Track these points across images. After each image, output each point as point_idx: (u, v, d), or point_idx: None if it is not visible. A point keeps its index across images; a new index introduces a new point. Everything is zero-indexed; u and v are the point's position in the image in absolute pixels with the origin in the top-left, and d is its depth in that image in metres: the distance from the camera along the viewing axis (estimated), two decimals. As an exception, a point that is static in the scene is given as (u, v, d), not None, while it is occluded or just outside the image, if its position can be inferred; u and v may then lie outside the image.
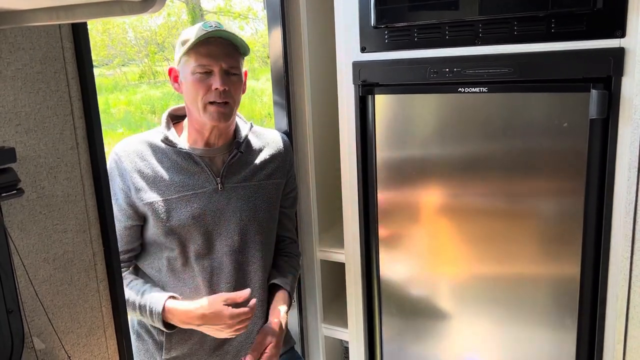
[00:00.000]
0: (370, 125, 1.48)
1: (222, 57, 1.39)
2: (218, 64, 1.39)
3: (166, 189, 1.44)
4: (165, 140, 1.46)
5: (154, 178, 1.44)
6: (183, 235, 1.44)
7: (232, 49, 1.42)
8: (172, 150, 1.46)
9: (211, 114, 1.41)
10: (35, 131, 0.93)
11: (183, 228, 1.44)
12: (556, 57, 1.21)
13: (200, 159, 1.46)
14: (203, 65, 1.39)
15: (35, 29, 0.90)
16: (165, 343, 1.49)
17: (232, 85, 1.41)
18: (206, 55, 1.39)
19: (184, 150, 1.46)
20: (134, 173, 1.44)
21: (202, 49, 1.39)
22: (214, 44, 1.39)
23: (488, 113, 1.33)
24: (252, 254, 1.53)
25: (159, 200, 1.43)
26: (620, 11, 1.12)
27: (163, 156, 1.46)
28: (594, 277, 1.27)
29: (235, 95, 1.44)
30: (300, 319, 1.84)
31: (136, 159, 1.45)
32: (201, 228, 1.45)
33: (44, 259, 0.96)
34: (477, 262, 1.42)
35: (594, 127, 1.20)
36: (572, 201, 1.27)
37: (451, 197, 1.42)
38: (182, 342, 1.49)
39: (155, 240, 1.46)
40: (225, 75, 1.40)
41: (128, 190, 1.44)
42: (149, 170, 1.44)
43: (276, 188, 1.58)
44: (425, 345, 1.54)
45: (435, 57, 1.34)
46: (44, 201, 0.95)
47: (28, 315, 0.93)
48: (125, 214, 1.44)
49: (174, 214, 1.43)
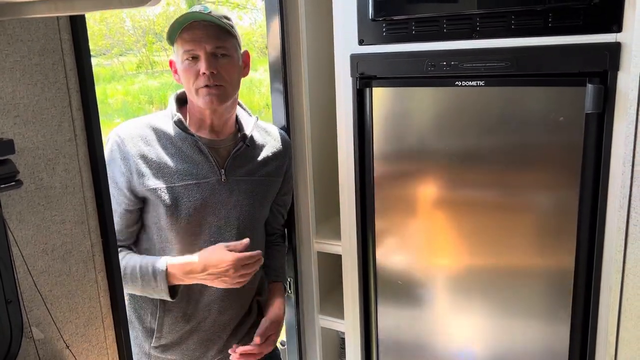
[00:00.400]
0: (367, 118, 1.48)
1: (206, 40, 1.38)
2: (202, 48, 1.38)
3: (170, 176, 1.42)
4: (178, 122, 1.44)
5: (157, 164, 1.42)
6: (182, 224, 1.44)
7: (217, 30, 1.40)
8: (177, 137, 1.45)
9: (203, 98, 1.41)
10: (34, 123, 0.93)
11: (184, 217, 1.43)
12: (553, 51, 1.21)
13: (205, 148, 1.45)
14: (188, 51, 1.39)
15: (33, 20, 0.90)
16: (157, 332, 1.49)
17: (221, 68, 1.40)
18: (190, 41, 1.38)
19: (192, 136, 1.44)
20: (138, 158, 1.42)
21: (185, 34, 1.39)
22: (197, 27, 1.39)
23: (485, 106, 1.33)
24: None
25: (162, 187, 1.41)
26: (616, 6, 1.12)
27: (168, 142, 1.45)
28: (587, 270, 1.28)
29: (228, 77, 1.42)
30: (297, 310, 1.86)
31: (140, 143, 1.43)
32: (201, 218, 1.45)
33: (43, 249, 0.97)
34: (473, 255, 1.44)
35: (589, 121, 1.21)
36: (567, 195, 1.28)
37: (448, 189, 1.43)
38: (173, 330, 1.50)
39: (153, 227, 1.46)
40: (212, 58, 1.39)
41: (130, 175, 1.42)
42: (153, 156, 1.42)
43: (274, 186, 1.59)
44: (421, 336, 1.56)
45: (433, 51, 1.34)
46: (43, 192, 0.95)
47: (27, 306, 0.94)
48: (126, 198, 1.43)
49: (176, 202, 1.42)
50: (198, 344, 1.52)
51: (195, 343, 1.52)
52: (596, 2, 1.14)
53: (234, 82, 1.45)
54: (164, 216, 1.42)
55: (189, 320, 1.49)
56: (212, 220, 1.46)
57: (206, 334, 1.52)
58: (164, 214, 1.42)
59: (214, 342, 1.54)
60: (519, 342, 1.41)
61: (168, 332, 1.50)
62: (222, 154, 1.49)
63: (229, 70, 1.42)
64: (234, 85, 1.45)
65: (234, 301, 1.54)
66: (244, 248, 1.40)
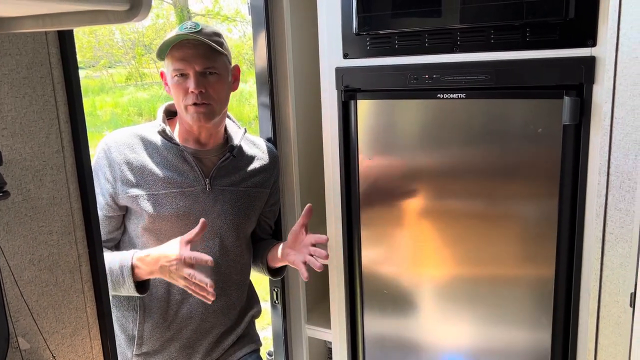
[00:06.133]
0: (352, 130, 1.51)
1: (195, 60, 1.40)
2: (192, 67, 1.40)
3: (153, 183, 1.44)
4: (162, 132, 1.46)
5: (142, 171, 1.44)
6: (163, 232, 1.45)
7: (206, 49, 1.42)
8: (163, 146, 1.46)
9: (191, 115, 1.43)
10: (21, 135, 0.94)
11: (165, 225, 1.44)
12: (531, 64, 1.25)
13: (191, 158, 1.47)
14: (178, 69, 1.41)
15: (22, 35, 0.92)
16: (137, 338, 1.49)
17: (210, 86, 1.42)
18: (180, 59, 1.40)
19: (178, 146, 1.46)
20: (123, 165, 1.43)
21: (176, 52, 1.41)
22: (187, 46, 1.40)
23: (467, 119, 1.37)
24: (231, 257, 1.55)
25: (145, 195, 1.43)
26: (591, 21, 1.16)
27: (154, 151, 1.46)
28: (567, 278, 1.31)
29: (216, 95, 1.44)
30: (284, 320, 1.87)
31: (126, 150, 1.45)
32: (184, 226, 1.45)
33: (30, 260, 0.97)
34: (457, 264, 1.46)
35: (567, 132, 1.24)
36: (547, 204, 1.31)
37: (432, 200, 1.46)
38: (155, 337, 1.50)
39: (135, 233, 1.47)
40: (200, 77, 1.41)
41: (114, 182, 1.43)
42: (137, 163, 1.44)
43: (260, 198, 1.61)
44: (407, 344, 1.57)
45: (415, 64, 1.37)
46: (30, 204, 0.96)
47: (13, 316, 0.94)
48: (107, 204, 1.44)
49: (159, 210, 1.43)
50: (180, 351, 1.53)
51: (177, 350, 1.52)
52: (572, 17, 1.18)
53: (222, 99, 1.47)
54: (146, 223, 1.43)
55: (170, 327, 1.50)
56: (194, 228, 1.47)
57: (188, 341, 1.52)
58: (146, 221, 1.43)
59: (196, 349, 1.54)
60: (503, 348, 1.43)
61: (149, 338, 1.50)
62: (207, 163, 1.51)
63: (217, 88, 1.44)
64: (222, 102, 1.48)
65: (217, 310, 1.55)
66: (197, 237, 1.36)
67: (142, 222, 1.45)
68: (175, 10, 10.52)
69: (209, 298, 1.34)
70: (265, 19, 1.64)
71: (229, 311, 1.58)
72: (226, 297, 1.55)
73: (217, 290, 1.50)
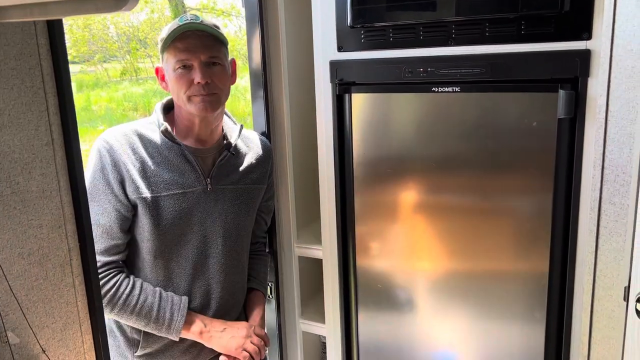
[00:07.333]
0: (347, 124, 1.50)
1: (201, 49, 1.38)
2: (197, 57, 1.38)
3: (156, 185, 1.41)
4: (165, 132, 1.42)
5: (144, 172, 1.40)
6: (168, 233, 1.43)
7: (210, 39, 1.40)
8: (164, 145, 1.43)
9: (197, 105, 1.39)
10: (10, 127, 0.93)
11: (170, 227, 1.42)
12: (526, 58, 1.24)
13: (192, 157, 1.45)
14: (182, 60, 1.38)
15: (10, 25, 0.91)
16: (142, 341, 1.48)
17: (215, 76, 1.40)
18: (184, 50, 1.38)
19: (180, 145, 1.43)
20: (129, 165, 1.39)
21: (179, 44, 1.38)
22: (191, 37, 1.38)
23: (461, 112, 1.36)
24: (234, 256, 1.54)
25: (149, 197, 1.39)
26: (586, 14, 1.16)
27: (154, 150, 1.43)
28: (562, 272, 1.31)
29: (221, 84, 1.42)
30: (278, 314, 1.86)
31: (129, 150, 1.41)
32: (187, 227, 1.44)
33: (19, 254, 0.96)
34: (452, 258, 1.46)
35: (561, 126, 1.24)
36: (541, 198, 1.30)
37: (426, 194, 1.45)
38: (160, 339, 1.49)
39: (139, 237, 1.44)
40: (206, 68, 1.39)
41: (123, 181, 1.39)
42: (139, 164, 1.40)
43: (258, 193, 1.60)
44: (401, 338, 1.57)
45: (410, 57, 1.37)
46: (19, 197, 0.95)
47: (2, 310, 0.93)
48: (123, 203, 1.39)
49: (162, 212, 1.41)
50: (184, 351, 1.52)
51: (181, 351, 1.52)
52: (567, 10, 1.17)
53: (226, 89, 1.46)
54: (149, 226, 1.40)
55: None
56: (197, 229, 1.45)
57: (192, 341, 1.51)
58: (149, 223, 1.40)
59: (201, 349, 1.54)
60: (497, 342, 1.43)
61: (154, 341, 1.49)
62: (207, 162, 1.49)
63: (221, 78, 1.42)
64: (226, 92, 1.46)
65: (225, 314, 1.55)
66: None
67: (144, 225, 1.41)
68: (170, 4, 10.45)
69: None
70: (259, 12, 1.63)
71: (231, 310, 1.58)
72: (229, 298, 1.55)
73: (221, 292, 1.51)
